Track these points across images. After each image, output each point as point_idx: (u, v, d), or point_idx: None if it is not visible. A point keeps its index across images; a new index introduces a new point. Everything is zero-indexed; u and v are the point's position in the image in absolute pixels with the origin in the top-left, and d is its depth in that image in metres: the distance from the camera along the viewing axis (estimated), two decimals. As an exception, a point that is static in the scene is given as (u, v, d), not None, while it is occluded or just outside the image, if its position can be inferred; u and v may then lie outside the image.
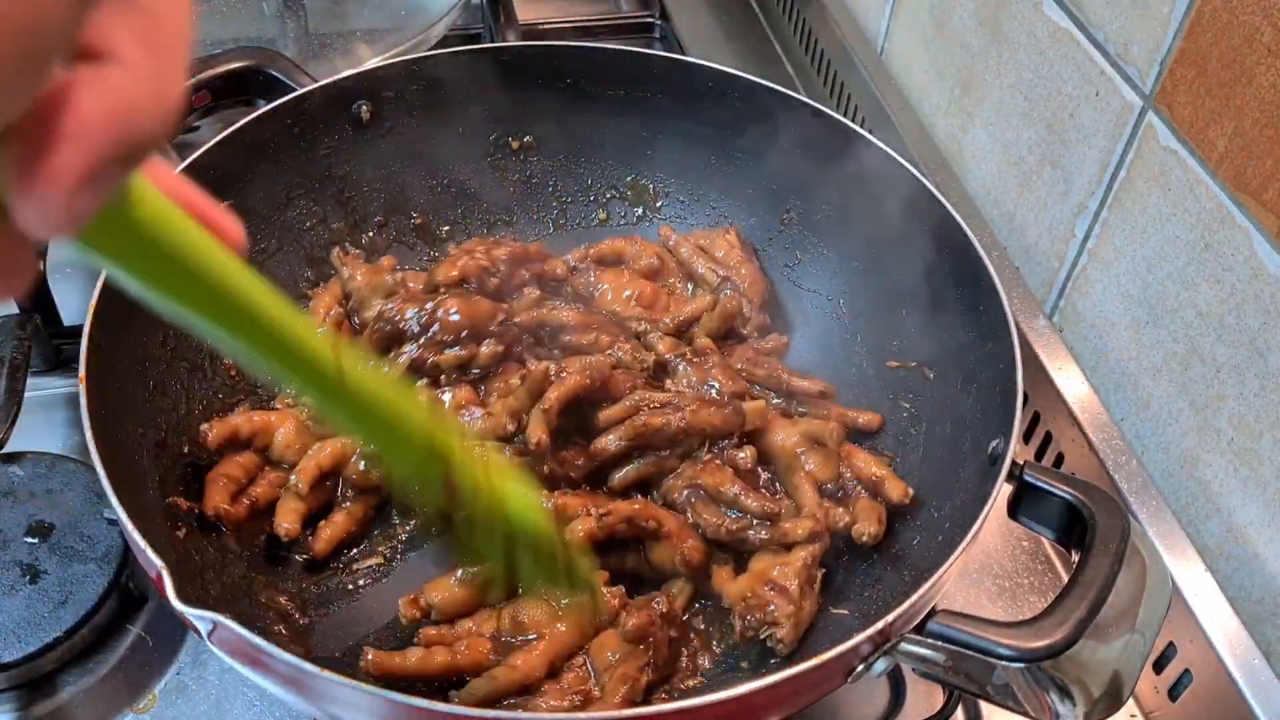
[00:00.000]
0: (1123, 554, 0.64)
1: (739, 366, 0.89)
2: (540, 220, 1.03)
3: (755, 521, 0.77)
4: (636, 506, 0.77)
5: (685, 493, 0.79)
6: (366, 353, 0.84)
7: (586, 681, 0.71)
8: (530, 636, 0.71)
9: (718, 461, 0.80)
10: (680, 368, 0.86)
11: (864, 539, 0.77)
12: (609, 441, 0.79)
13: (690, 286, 0.97)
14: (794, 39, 1.42)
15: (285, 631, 0.72)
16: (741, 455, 0.80)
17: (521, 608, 0.72)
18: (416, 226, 1.00)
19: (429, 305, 0.83)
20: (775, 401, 0.88)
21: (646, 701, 0.71)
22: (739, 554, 0.79)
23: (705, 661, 0.75)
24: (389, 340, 0.84)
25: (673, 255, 0.98)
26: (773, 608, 0.72)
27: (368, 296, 0.88)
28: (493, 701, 0.68)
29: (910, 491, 0.78)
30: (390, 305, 0.85)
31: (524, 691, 0.69)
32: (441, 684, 0.71)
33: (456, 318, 0.83)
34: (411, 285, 0.89)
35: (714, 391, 0.84)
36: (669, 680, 0.74)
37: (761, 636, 0.73)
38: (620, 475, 0.80)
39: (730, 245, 0.97)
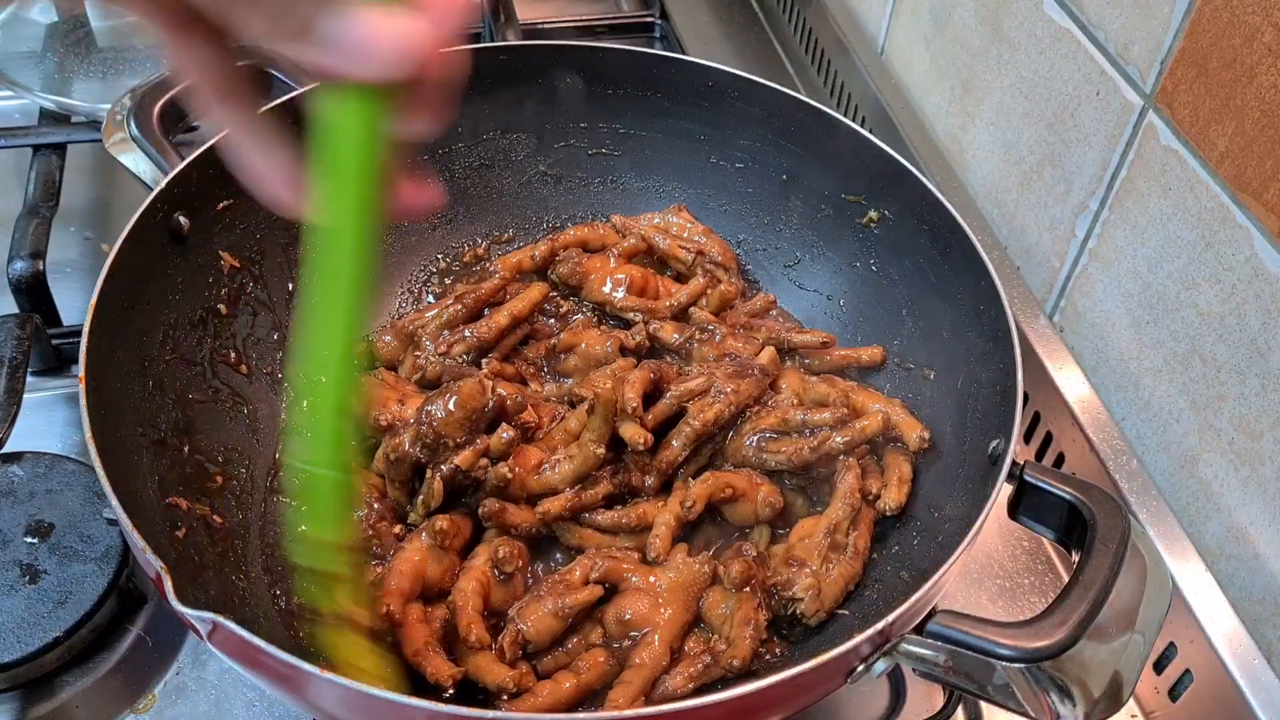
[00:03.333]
0: (1123, 554, 0.64)
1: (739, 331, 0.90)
2: (540, 221, 1.03)
3: (831, 432, 0.80)
4: (709, 484, 0.78)
5: (754, 440, 0.81)
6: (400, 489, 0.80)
7: (709, 641, 0.72)
8: (643, 630, 0.71)
9: (768, 406, 0.83)
10: (694, 348, 0.87)
11: (888, 510, 0.79)
12: (675, 450, 0.80)
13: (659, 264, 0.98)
14: (794, 39, 1.42)
15: (286, 631, 0.72)
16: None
17: (622, 607, 0.72)
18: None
19: (421, 427, 0.76)
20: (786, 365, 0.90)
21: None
22: (803, 491, 0.82)
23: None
24: (413, 471, 0.78)
25: (643, 240, 0.97)
26: (793, 588, 0.74)
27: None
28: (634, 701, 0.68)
29: (927, 434, 0.80)
30: (395, 443, 0.78)
31: (659, 680, 0.70)
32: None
33: (454, 412, 0.76)
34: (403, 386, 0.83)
35: (735, 361, 0.85)
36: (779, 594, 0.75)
37: (789, 612, 0.74)
38: (683, 477, 0.81)
39: (685, 221, 0.98)
